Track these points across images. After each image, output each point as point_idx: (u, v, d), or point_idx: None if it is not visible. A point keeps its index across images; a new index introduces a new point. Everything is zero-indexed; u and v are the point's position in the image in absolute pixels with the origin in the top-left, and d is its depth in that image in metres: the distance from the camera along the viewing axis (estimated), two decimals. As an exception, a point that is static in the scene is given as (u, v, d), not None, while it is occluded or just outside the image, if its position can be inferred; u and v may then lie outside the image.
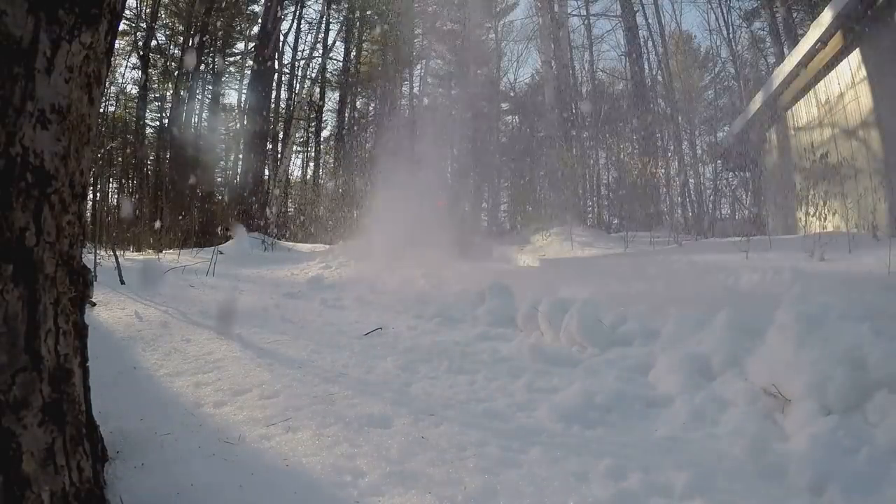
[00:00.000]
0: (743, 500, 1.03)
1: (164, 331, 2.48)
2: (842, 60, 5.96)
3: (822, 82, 6.47)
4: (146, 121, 19.27)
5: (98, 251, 4.51)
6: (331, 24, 20.62)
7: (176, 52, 18.23)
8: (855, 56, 5.71)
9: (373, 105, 24.06)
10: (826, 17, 5.77)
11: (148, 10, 16.99)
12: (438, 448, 1.28)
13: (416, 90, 21.20)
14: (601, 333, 2.17)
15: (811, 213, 4.87)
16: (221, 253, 6.91)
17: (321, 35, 19.58)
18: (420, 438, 1.34)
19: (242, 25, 19.50)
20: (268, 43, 11.51)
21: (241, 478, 1.09)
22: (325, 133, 24.10)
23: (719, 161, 9.19)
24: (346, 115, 21.99)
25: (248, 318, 2.96)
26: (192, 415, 1.45)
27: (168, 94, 18.45)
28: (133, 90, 19.00)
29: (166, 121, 18.15)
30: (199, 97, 19.03)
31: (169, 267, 4.83)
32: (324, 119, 23.26)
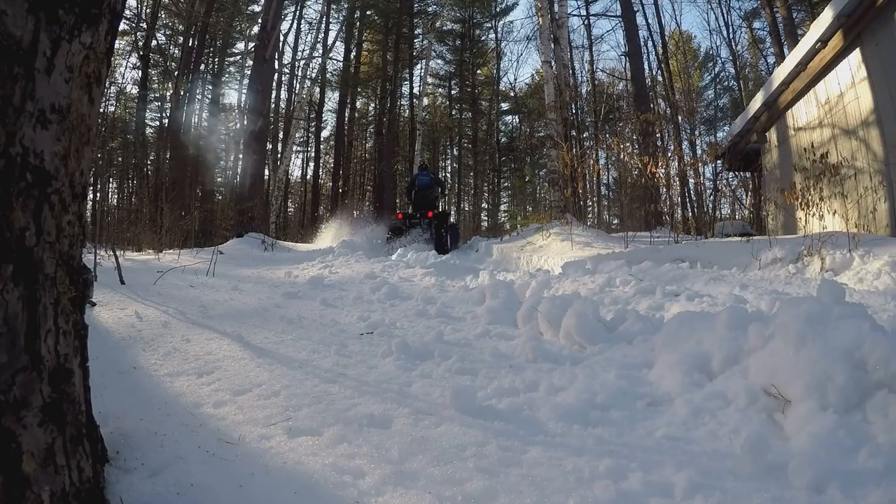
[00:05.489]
0: (743, 499, 1.03)
1: (164, 331, 2.48)
2: (842, 60, 5.96)
3: (822, 82, 6.47)
4: (146, 121, 19.31)
5: (98, 251, 4.51)
6: (331, 24, 20.64)
7: (176, 52, 18.26)
8: (855, 56, 5.71)
9: (373, 105, 24.10)
10: (826, 16, 5.77)
11: (148, 11, 17.00)
12: (439, 448, 1.28)
13: (416, 90, 21.20)
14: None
15: (811, 213, 4.87)
16: (221, 253, 6.91)
17: (321, 35, 19.60)
18: (420, 438, 1.34)
19: (242, 25, 19.51)
20: (268, 43, 11.51)
21: (242, 478, 1.09)
22: (325, 133, 24.13)
23: (719, 161, 9.20)
24: (346, 115, 22.01)
25: (248, 318, 2.96)
26: (192, 415, 1.45)
27: (168, 94, 18.46)
28: (133, 90, 19.04)
29: (166, 121, 18.17)
30: (199, 97, 19.05)
31: (169, 267, 4.82)
32: (324, 119, 23.29)
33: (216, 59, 19.68)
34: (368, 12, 20.52)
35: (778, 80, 7.11)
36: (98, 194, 17.01)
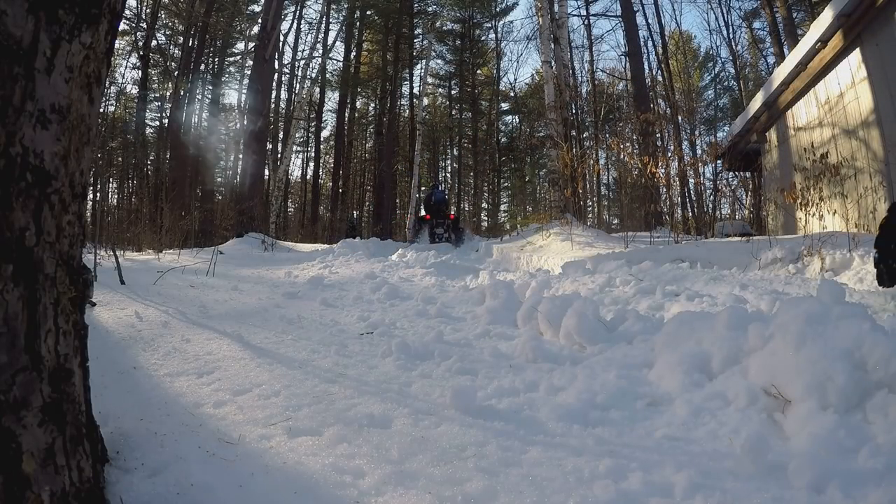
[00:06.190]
0: (743, 499, 1.03)
1: (164, 331, 2.48)
2: (842, 60, 5.96)
3: (822, 82, 6.47)
4: (146, 121, 19.32)
5: (98, 251, 4.51)
6: (331, 24, 20.65)
7: (176, 52, 18.26)
8: (855, 56, 5.71)
9: (373, 105, 24.10)
10: (826, 16, 5.77)
11: (148, 11, 17.00)
12: (439, 448, 1.28)
13: (416, 90, 21.19)
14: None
15: (811, 213, 4.87)
16: (221, 253, 6.91)
17: (321, 35, 19.59)
18: (420, 438, 1.34)
19: (242, 25, 19.51)
20: (268, 43, 11.51)
21: (241, 478, 1.09)
22: (325, 133, 24.14)
23: (719, 161, 9.20)
24: (346, 115, 22.01)
25: (248, 317, 2.96)
26: (192, 415, 1.45)
27: (168, 94, 18.46)
28: (133, 90, 19.05)
29: (166, 121, 18.17)
30: (199, 97, 19.05)
31: (169, 267, 4.82)
32: (324, 119, 23.29)
33: (216, 59, 19.68)
34: (368, 12, 20.51)
35: (778, 80, 7.11)
36: (98, 194, 17.02)
